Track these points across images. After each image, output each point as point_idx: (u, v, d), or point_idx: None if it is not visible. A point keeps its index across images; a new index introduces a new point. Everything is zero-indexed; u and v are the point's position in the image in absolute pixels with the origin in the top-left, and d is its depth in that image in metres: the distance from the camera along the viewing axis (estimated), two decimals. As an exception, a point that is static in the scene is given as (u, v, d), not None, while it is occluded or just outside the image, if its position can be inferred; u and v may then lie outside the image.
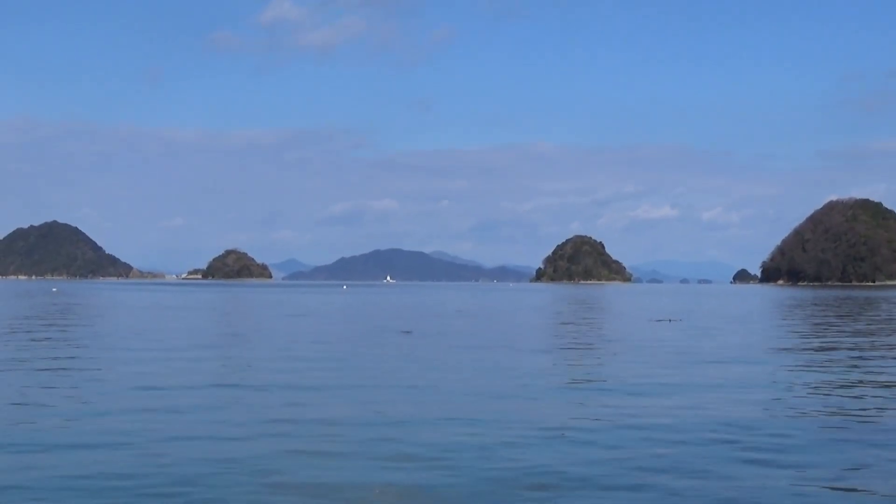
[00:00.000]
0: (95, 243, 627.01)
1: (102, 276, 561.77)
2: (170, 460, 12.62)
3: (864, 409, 17.80)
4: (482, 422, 15.84)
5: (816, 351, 31.75)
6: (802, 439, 14.59)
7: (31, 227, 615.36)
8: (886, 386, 21.49)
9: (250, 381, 21.70)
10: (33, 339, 34.31)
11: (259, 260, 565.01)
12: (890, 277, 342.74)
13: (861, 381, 22.35)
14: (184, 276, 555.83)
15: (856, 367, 25.80)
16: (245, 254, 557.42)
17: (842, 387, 21.26)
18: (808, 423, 16.21)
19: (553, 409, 17.47)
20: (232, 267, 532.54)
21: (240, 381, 21.53)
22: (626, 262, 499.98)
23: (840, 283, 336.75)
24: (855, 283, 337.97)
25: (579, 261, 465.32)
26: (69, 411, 16.78)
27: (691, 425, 15.64)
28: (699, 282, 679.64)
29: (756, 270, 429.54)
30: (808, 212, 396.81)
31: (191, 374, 23.08)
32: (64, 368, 24.09)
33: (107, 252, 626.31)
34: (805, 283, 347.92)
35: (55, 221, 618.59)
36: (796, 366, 25.98)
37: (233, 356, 28.53)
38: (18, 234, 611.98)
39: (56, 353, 28.68)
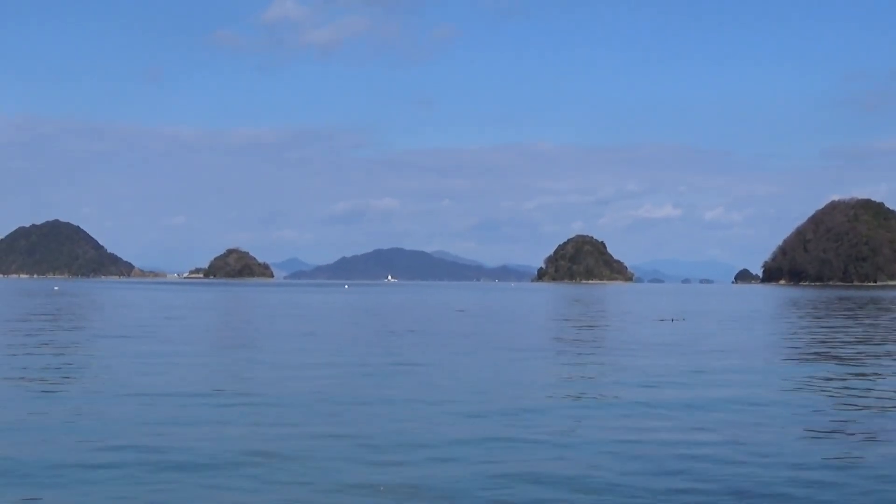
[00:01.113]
0: (97, 242, 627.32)
1: (104, 275, 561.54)
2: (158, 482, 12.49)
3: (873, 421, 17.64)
4: (489, 437, 15.71)
5: (820, 354, 31.60)
6: (810, 457, 14.45)
7: (33, 225, 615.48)
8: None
9: (255, 390, 21.55)
10: (33, 344, 34.17)
11: (260, 259, 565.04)
12: (892, 277, 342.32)
13: (871, 390, 22.19)
14: (185, 275, 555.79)
15: (865, 373, 25.64)
16: (247, 253, 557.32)
17: (850, 394, 21.10)
18: (815, 434, 16.07)
19: (557, 418, 17.34)
20: (233, 266, 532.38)
21: (243, 391, 21.38)
22: (628, 262, 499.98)
23: (842, 283, 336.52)
24: (857, 283, 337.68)
25: (581, 260, 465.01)
26: (59, 428, 16.05)
27: (698, 440, 15.50)
28: (700, 281, 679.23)
29: (758, 270, 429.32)
30: (810, 211, 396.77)
31: (190, 382, 22.93)
32: (61, 377, 23.89)
33: (108, 251, 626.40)
34: (807, 283, 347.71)
35: (57, 220, 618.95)
36: (801, 369, 25.86)
37: (233, 362, 28.40)
38: (20, 233, 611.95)
39: (55, 359, 28.51)
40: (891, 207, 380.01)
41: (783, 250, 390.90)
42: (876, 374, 24.74)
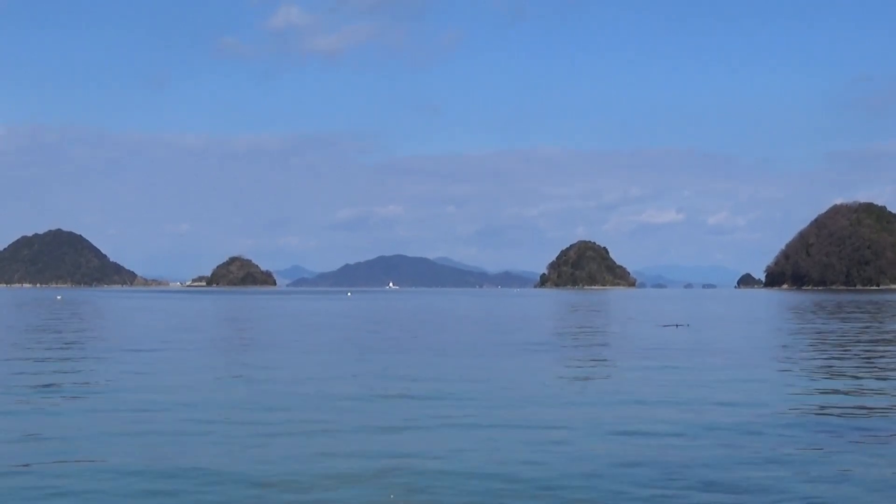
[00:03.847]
0: (100, 251, 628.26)
1: (107, 284, 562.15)
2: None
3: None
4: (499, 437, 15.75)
5: (823, 363, 31.57)
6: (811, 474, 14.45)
7: (36, 235, 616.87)
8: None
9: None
10: (35, 361, 34.08)
11: (264, 266, 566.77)
12: (894, 281, 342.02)
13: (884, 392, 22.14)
14: (188, 283, 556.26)
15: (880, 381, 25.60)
16: (249, 261, 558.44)
17: (860, 405, 21.06)
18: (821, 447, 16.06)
19: (562, 424, 17.35)
20: (236, 274, 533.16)
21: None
22: (631, 267, 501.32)
23: (844, 287, 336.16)
24: (859, 287, 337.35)
25: (583, 266, 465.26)
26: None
27: (698, 445, 15.51)
28: (703, 286, 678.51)
29: (761, 275, 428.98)
30: (815, 215, 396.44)
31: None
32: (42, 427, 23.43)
33: (111, 260, 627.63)
34: (809, 288, 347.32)
35: (59, 229, 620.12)
36: (807, 377, 25.86)
37: (239, 377, 28.37)
38: (23, 243, 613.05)
39: (50, 393, 28.24)
40: (893, 211, 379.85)
41: (786, 254, 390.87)
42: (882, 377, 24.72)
